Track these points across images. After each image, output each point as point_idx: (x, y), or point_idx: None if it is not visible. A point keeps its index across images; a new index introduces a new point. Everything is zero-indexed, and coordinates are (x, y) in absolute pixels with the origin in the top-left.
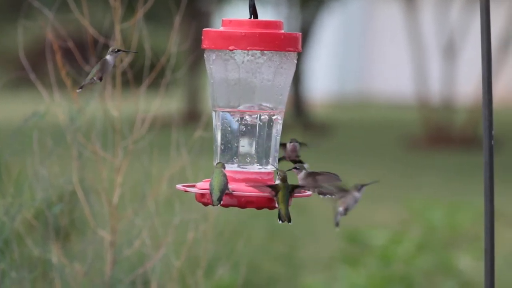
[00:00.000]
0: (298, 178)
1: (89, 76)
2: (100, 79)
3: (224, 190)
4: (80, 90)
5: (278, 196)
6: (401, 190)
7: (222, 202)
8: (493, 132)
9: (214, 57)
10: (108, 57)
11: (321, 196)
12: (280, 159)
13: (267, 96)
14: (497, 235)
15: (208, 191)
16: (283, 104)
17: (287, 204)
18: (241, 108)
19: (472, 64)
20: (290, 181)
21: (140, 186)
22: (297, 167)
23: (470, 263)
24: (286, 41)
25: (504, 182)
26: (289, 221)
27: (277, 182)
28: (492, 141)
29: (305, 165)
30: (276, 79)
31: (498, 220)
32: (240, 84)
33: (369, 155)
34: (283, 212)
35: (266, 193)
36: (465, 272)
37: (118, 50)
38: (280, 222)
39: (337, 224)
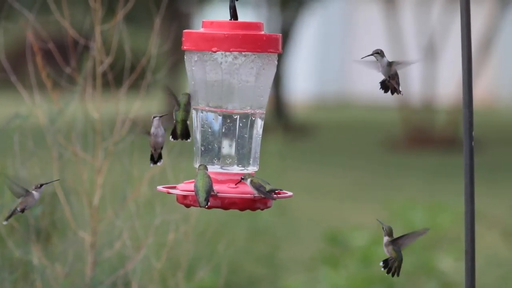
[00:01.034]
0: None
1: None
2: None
3: (209, 191)
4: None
5: None
6: (382, 191)
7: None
8: (473, 133)
9: (196, 59)
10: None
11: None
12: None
13: (248, 97)
14: (477, 236)
15: (191, 192)
16: (264, 105)
17: None
18: (222, 109)
19: (453, 65)
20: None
21: (121, 187)
22: None
23: (451, 264)
24: (268, 43)
25: (484, 183)
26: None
27: None
28: (473, 142)
29: None
30: (258, 81)
31: (478, 222)
32: (222, 85)
33: (349, 156)
34: None
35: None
36: (446, 273)
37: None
38: None
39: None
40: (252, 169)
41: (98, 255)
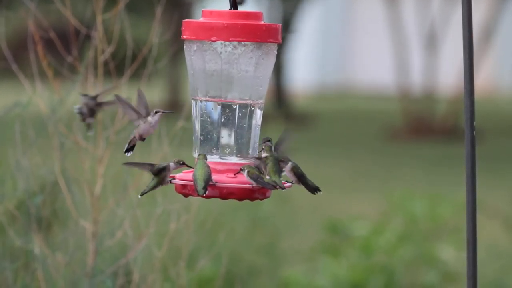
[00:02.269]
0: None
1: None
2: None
3: (208, 180)
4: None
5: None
6: (382, 181)
7: (207, 192)
8: (474, 122)
9: (195, 48)
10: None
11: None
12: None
13: (247, 87)
14: (478, 227)
15: (190, 182)
16: (263, 95)
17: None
18: (221, 98)
19: (453, 55)
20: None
21: (122, 176)
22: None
23: (452, 254)
24: (267, 32)
25: (484, 173)
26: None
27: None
28: (474, 132)
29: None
30: (257, 71)
31: (478, 212)
32: (221, 75)
33: (350, 146)
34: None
35: (247, 185)
36: (447, 263)
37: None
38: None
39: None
40: (250, 159)
41: (99, 244)
